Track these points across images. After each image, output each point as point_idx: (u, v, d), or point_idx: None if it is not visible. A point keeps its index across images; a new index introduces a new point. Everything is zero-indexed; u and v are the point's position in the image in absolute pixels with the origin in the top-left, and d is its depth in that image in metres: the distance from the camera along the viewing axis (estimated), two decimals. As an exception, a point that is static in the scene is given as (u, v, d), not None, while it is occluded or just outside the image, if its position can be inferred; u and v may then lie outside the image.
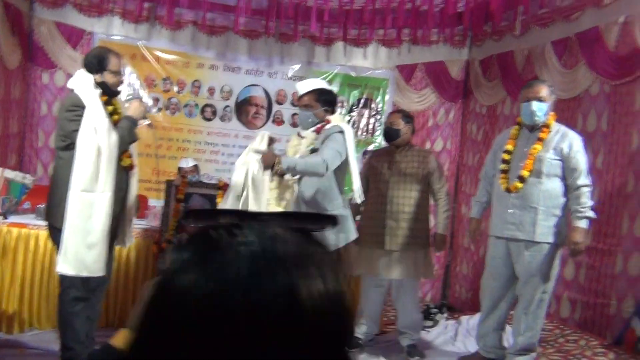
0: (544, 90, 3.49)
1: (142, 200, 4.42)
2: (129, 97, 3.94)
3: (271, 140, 3.30)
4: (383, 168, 4.02)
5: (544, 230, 3.45)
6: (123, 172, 3.17)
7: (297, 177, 3.37)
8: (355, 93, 6.05)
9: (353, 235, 3.55)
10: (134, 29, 5.44)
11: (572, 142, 3.45)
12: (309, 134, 3.48)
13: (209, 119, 5.80)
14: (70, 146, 2.95)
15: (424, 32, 5.61)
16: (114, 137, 3.01)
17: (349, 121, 6.03)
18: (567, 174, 3.44)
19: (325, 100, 3.47)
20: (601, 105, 4.26)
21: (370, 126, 6.07)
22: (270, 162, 3.15)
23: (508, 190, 3.55)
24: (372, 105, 6.06)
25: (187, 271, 0.51)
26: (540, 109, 3.47)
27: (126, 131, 3.07)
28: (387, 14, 5.38)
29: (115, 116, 3.10)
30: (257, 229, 0.52)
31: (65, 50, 5.13)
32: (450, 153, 6.08)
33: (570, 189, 3.45)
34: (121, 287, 4.07)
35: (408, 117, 4.11)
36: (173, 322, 0.50)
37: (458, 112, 6.06)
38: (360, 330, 4.16)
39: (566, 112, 4.63)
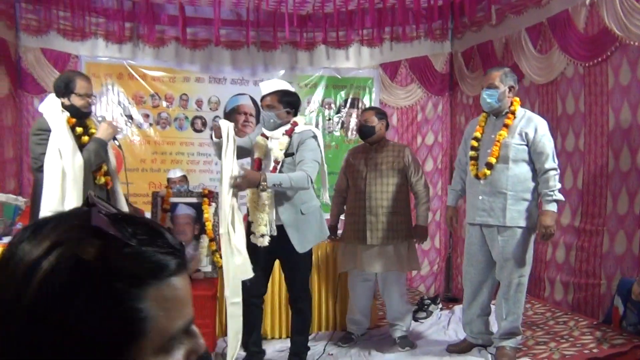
0: (496, 78, 3.54)
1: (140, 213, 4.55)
2: (99, 119, 4.04)
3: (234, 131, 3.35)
4: (360, 165, 4.09)
5: (514, 215, 3.49)
6: (98, 190, 3.26)
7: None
8: (342, 94, 6.12)
9: (325, 234, 3.62)
10: (119, 49, 5.58)
11: (537, 127, 3.48)
12: (279, 136, 3.51)
13: (199, 131, 5.91)
14: (41, 168, 3.07)
15: (403, 28, 5.67)
16: (79, 159, 3.09)
17: (337, 122, 6.13)
18: (534, 158, 3.48)
19: (288, 101, 3.52)
20: (577, 87, 4.28)
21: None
22: (255, 180, 3.19)
23: (477, 177, 3.60)
24: (360, 105, 6.11)
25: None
26: (489, 96, 3.53)
27: (92, 153, 3.15)
28: (361, 14, 5.44)
29: (85, 137, 3.20)
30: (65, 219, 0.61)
31: (53, 75, 5.21)
32: (442, 146, 6.12)
33: (538, 173, 3.48)
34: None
35: (381, 113, 4.18)
36: None
37: (446, 104, 6.10)
38: (352, 325, 4.24)
39: (545, 96, 4.66)
